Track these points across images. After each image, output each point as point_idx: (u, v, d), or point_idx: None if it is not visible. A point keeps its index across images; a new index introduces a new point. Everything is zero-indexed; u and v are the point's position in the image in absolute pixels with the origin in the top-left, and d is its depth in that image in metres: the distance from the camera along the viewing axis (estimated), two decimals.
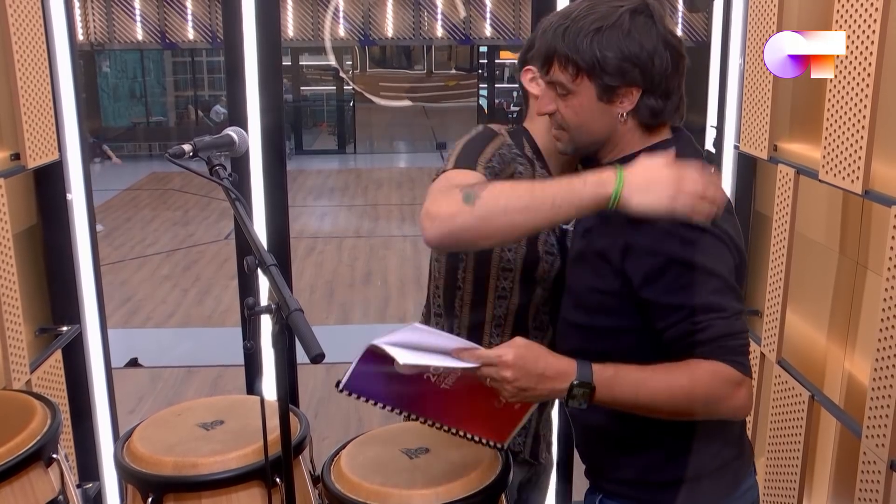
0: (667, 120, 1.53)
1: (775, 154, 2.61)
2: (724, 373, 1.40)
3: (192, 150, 1.69)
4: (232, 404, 2.01)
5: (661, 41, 1.48)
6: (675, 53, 1.49)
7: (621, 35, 1.46)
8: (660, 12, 1.51)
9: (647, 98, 1.49)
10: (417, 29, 14.64)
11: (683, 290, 1.40)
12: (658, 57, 1.47)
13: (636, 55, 1.46)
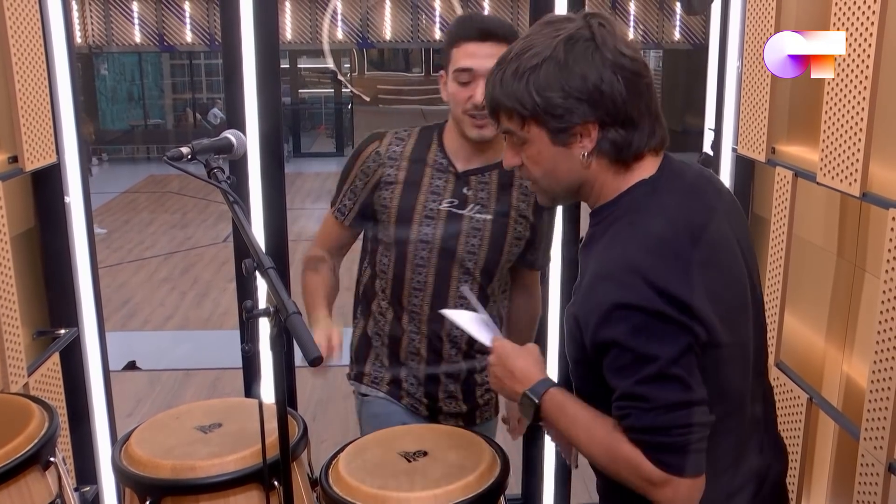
0: (641, 151, 1.36)
1: (773, 156, 2.61)
2: (641, 467, 1.28)
3: (190, 152, 1.69)
4: (230, 407, 2.00)
5: (608, 66, 1.30)
6: (630, 75, 1.31)
7: (558, 69, 1.30)
8: (601, 33, 1.31)
9: (607, 132, 1.33)
10: (415, 31, 14.65)
11: (616, 373, 1.29)
12: (606, 84, 1.30)
13: (579, 89, 1.30)
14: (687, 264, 1.30)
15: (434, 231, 2.03)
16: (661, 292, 1.26)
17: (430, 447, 1.85)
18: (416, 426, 2.05)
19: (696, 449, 1.27)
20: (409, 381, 2.14)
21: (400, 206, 2.04)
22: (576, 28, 1.32)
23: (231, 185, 1.71)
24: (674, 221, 1.34)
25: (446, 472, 1.74)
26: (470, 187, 2.04)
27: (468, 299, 1.81)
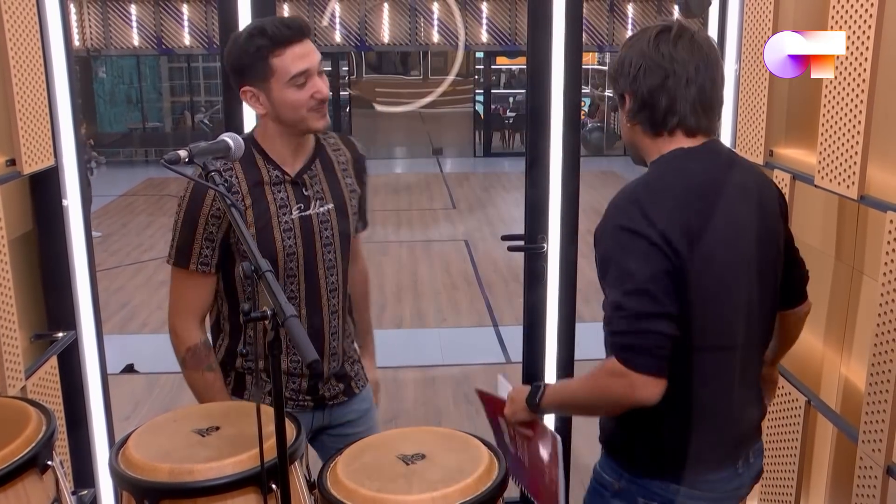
0: (673, 126, 1.68)
1: (771, 159, 2.61)
2: (609, 364, 1.59)
3: (188, 155, 1.69)
4: (228, 410, 2.00)
5: (644, 55, 1.66)
6: (655, 67, 1.65)
7: (624, 52, 1.70)
8: (663, 36, 1.66)
9: (638, 103, 1.69)
10: (414, 35, 14.66)
11: (609, 286, 1.61)
12: (635, 67, 1.66)
13: (620, 63, 1.70)
14: (680, 207, 1.62)
15: (295, 241, 2.06)
16: (650, 222, 1.58)
17: (428, 450, 1.85)
18: (414, 429, 2.05)
19: (654, 353, 1.56)
20: (290, 386, 2.16)
21: (259, 231, 2.02)
22: (652, 29, 1.69)
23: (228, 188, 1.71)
24: (686, 178, 1.67)
25: (444, 475, 1.74)
26: (307, 187, 2.09)
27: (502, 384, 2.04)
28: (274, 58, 1.94)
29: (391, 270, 8.48)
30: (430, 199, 12.72)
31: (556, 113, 2.74)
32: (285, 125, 2.02)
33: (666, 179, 1.69)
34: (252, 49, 1.94)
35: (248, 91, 1.99)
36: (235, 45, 1.97)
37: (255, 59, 1.94)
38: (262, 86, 1.97)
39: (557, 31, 2.66)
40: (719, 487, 1.76)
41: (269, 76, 1.95)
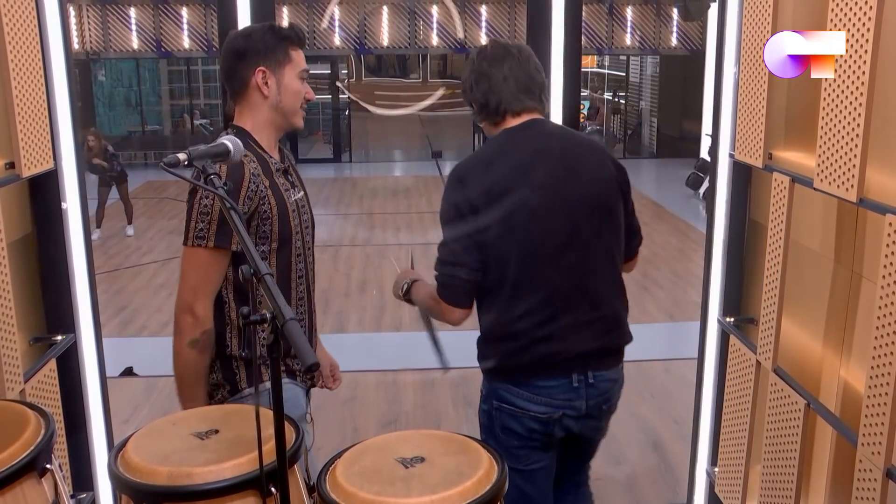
0: (502, 115, 2.24)
1: (770, 162, 2.61)
2: (436, 292, 2.23)
3: (187, 159, 1.69)
4: (227, 413, 2.00)
5: (472, 71, 2.27)
6: (479, 77, 2.25)
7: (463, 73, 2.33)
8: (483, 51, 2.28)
9: (478, 107, 2.27)
10: (413, 38, 14.67)
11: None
12: (468, 82, 2.28)
13: (463, 82, 2.32)
14: (488, 174, 2.15)
15: (299, 222, 2.24)
16: (462, 190, 2.15)
17: (427, 453, 1.85)
18: (414, 432, 2.05)
19: (454, 290, 2.19)
20: (297, 362, 2.28)
21: (279, 212, 2.14)
22: (475, 51, 2.31)
23: (227, 190, 1.71)
24: (500, 149, 2.23)
25: (444, 478, 1.74)
26: (290, 174, 2.27)
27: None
28: (292, 50, 2.15)
29: (390, 273, 8.47)
30: (430, 203, 12.72)
31: (556, 115, 2.74)
32: (279, 114, 2.17)
33: (484, 154, 2.28)
34: (278, 37, 2.13)
35: (263, 71, 2.11)
36: (257, 32, 2.13)
37: (278, 45, 2.12)
38: (276, 70, 2.12)
39: (557, 34, 2.66)
40: (552, 395, 2.21)
41: (286, 63, 2.13)
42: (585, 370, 2.21)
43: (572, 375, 2.19)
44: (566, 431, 2.26)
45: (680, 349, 5.48)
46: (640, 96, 18.06)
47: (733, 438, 2.92)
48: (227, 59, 2.15)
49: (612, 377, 2.29)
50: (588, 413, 2.25)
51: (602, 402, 2.27)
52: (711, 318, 3.06)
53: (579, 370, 2.20)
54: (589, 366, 2.22)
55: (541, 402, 2.20)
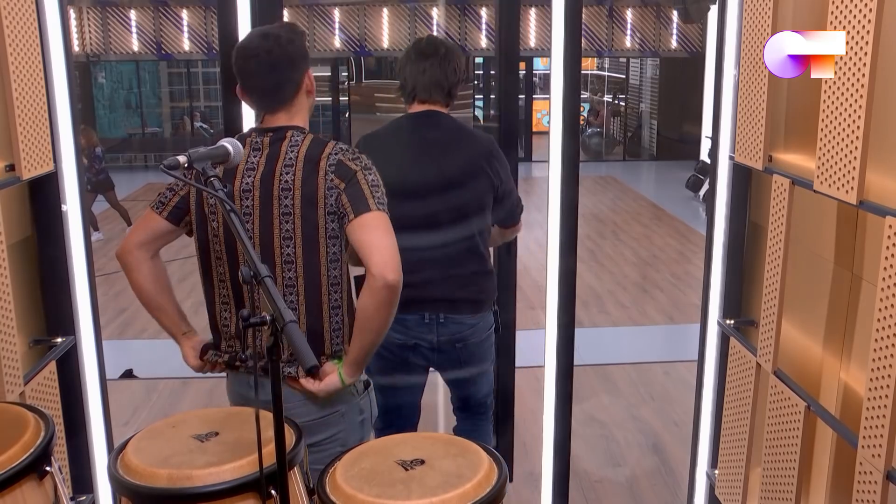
0: (412, 99, 2.79)
1: (770, 164, 2.61)
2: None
3: (187, 161, 1.70)
4: (227, 416, 2.00)
5: (404, 59, 2.81)
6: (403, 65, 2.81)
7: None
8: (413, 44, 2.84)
9: (401, 85, 2.81)
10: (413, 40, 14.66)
11: None
12: (399, 66, 2.82)
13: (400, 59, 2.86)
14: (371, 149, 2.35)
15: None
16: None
17: (427, 455, 1.85)
18: (413, 434, 2.05)
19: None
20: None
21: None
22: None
23: (228, 193, 1.72)
24: (391, 129, 2.85)
25: (443, 481, 1.74)
26: None
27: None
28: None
29: None
30: None
31: (556, 117, 2.74)
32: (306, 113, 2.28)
33: (379, 131, 2.86)
34: (304, 38, 2.25)
35: (308, 73, 2.22)
36: (296, 36, 2.19)
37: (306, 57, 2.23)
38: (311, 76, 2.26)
39: (557, 36, 2.66)
40: (409, 326, 2.75)
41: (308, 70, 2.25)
42: (437, 311, 2.75)
43: (424, 314, 2.75)
44: (426, 360, 2.87)
45: (680, 351, 5.48)
46: (639, 99, 18.07)
47: (733, 441, 2.92)
48: (280, 68, 2.12)
49: (465, 321, 2.81)
50: (440, 346, 2.81)
51: (455, 339, 2.82)
52: (711, 320, 3.06)
53: (430, 311, 2.75)
54: (440, 308, 2.75)
55: (398, 330, 2.72)
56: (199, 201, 2.18)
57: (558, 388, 2.90)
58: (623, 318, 6.96)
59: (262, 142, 2.14)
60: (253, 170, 2.12)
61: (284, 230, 2.09)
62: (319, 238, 2.10)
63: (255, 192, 2.11)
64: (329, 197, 2.08)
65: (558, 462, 2.95)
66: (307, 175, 2.08)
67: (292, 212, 2.08)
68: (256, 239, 2.12)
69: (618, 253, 9.25)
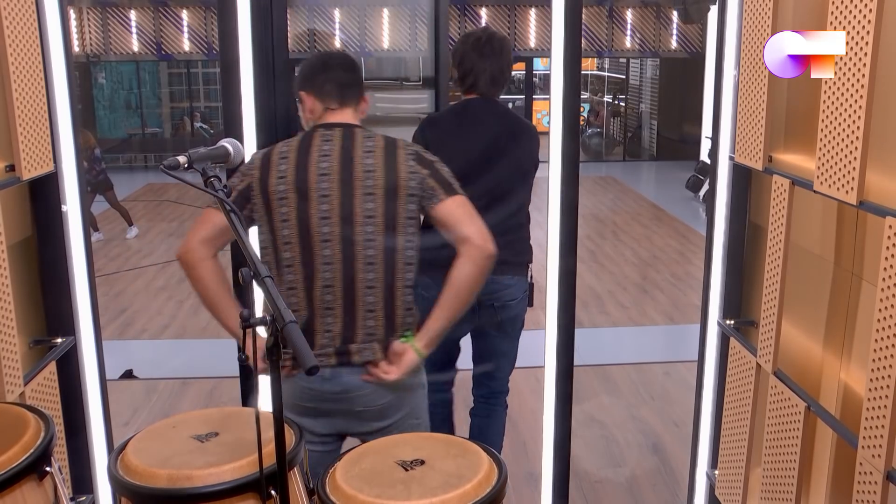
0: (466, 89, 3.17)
1: (770, 165, 2.61)
2: None
3: (187, 161, 1.70)
4: (227, 416, 2.00)
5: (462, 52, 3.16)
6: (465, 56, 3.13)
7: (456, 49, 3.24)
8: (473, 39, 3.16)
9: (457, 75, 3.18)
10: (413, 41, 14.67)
11: None
12: (457, 57, 3.16)
13: (453, 56, 3.19)
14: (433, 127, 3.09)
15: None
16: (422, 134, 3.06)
17: (427, 456, 1.85)
18: (414, 434, 2.05)
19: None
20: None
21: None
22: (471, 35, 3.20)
23: (228, 193, 1.72)
24: (449, 113, 3.33)
25: (444, 481, 1.74)
26: None
27: None
28: None
29: None
30: None
31: (556, 118, 2.74)
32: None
33: (442, 113, 3.41)
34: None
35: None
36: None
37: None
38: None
39: (557, 36, 2.66)
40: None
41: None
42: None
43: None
44: (469, 321, 3.07)
45: (680, 352, 5.48)
46: (639, 99, 18.06)
47: (733, 441, 2.91)
48: (356, 70, 2.42)
49: (503, 282, 3.10)
50: (481, 305, 3.07)
51: (494, 298, 3.10)
52: (711, 320, 3.06)
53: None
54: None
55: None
56: (265, 190, 2.24)
57: (558, 388, 2.90)
58: (623, 318, 6.95)
59: (332, 134, 2.31)
60: (328, 156, 2.26)
61: (366, 209, 2.23)
62: (399, 217, 2.25)
63: (333, 175, 2.24)
64: (411, 181, 2.26)
65: (558, 462, 2.94)
66: (388, 159, 2.27)
67: (374, 192, 2.23)
68: (336, 219, 2.22)
69: (618, 253, 9.25)
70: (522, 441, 4.06)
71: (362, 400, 2.28)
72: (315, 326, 2.26)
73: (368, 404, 2.29)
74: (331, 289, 2.24)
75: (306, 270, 2.24)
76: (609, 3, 14.67)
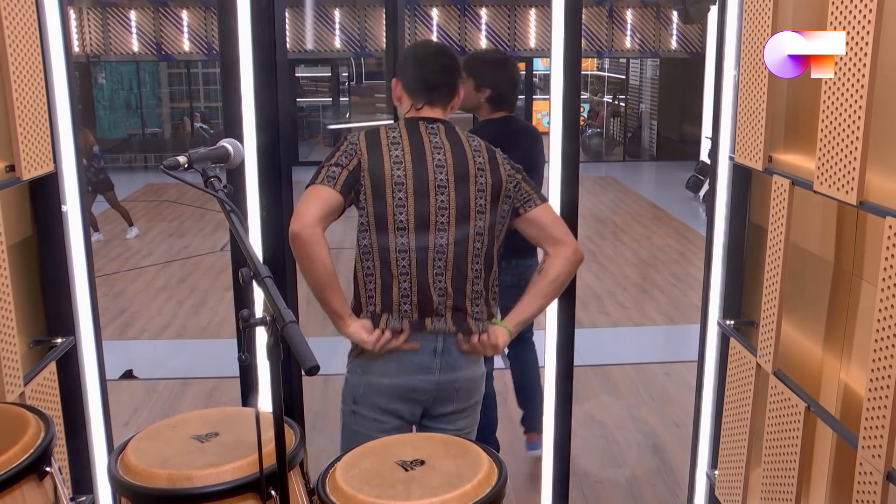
0: (500, 107, 3.54)
1: (770, 165, 2.61)
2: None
3: (187, 161, 1.70)
4: (227, 416, 2.00)
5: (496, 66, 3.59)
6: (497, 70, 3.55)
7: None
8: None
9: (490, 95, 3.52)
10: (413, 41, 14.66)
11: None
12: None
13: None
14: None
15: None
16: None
17: (427, 456, 1.85)
18: (414, 435, 2.05)
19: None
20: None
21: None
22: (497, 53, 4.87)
23: (228, 193, 1.72)
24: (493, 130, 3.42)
25: (444, 481, 1.74)
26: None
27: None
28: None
29: None
30: None
31: (556, 118, 2.74)
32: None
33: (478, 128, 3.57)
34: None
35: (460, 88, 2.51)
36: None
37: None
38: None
39: (557, 36, 2.66)
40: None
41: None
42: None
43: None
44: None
45: (680, 352, 5.48)
46: (639, 99, 18.07)
47: (733, 441, 2.91)
48: (455, 74, 2.46)
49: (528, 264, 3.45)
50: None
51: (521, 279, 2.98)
52: (711, 320, 3.06)
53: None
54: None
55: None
56: (377, 174, 2.28)
57: (558, 388, 2.90)
58: (623, 318, 6.95)
59: (437, 128, 2.40)
60: (440, 149, 2.36)
61: (478, 205, 2.35)
62: (498, 214, 2.40)
63: (448, 169, 2.34)
64: (510, 182, 2.41)
65: (558, 462, 2.94)
66: (491, 160, 2.40)
67: (485, 189, 2.36)
68: (453, 210, 2.33)
69: (618, 253, 9.25)
70: (522, 441, 4.06)
71: (463, 375, 2.39)
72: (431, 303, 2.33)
73: (465, 380, 2.41)
74: (441, 277, 2.34)
75: (419, 256, 2.32)
76: (609, 3, 14.67)
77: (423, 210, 2.30)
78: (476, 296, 2.38)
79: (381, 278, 2.31)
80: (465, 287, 2.35)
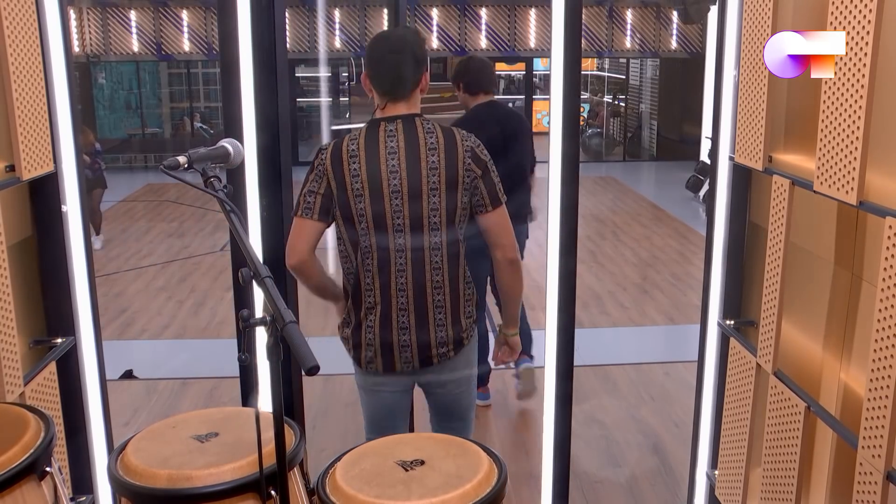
0: (475, 92, 4.22)
1: (770, 165, 2.61)
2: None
3: (187, 161, 1.70)
4: (227, 416, 2.00)
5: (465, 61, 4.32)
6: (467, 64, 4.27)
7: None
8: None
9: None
10: None
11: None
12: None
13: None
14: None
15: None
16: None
17: (427, 456, 1.85)
18: (414, 435, 2.05)
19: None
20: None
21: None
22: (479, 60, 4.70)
23: (228, 193, 1.72)
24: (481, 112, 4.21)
25: (444, 481, 1.74)
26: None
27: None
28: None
29: None
30: None
31: (556, 118, 2.74)
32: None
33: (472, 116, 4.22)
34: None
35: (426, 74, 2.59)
36: (421, 39, 2.62)
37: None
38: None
39: (557, 36, 2.66)
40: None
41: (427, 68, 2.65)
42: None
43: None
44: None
45: (680, 352, 5.48)
46: (639, 99, 18.06)
47: (733, 441, 2.91)
48: (412, 67, 2.51)
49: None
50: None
51: None
52: (711, 320, 3.06)
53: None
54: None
55: None
56: (342, 185, 2.44)
57: (558, 388, 2.90)
58: (623, 318, 6.95)
59: (395, 128, 2.48)
60: (395, 153, 2.45)
61: (432, 203, 2.45)
62: (458, 210, 2.49)
63: (401, 173, 2.44)
64: (467, 177, 2.49)
65: (558, 462, 2.94)
66: (448, 157, 2.46)
67: (438, 188, 2.44)
68: (406, 212, 2.44)
69: (618, 253, 9.25)
70: (522, 441, 4.06)
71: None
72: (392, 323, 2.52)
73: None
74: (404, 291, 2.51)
75: (380, 257, 2.47)
76: (609, 3, 14.67)
77: (380, 214, 2.45)
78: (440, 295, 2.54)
79: (351, 279, 2.56)
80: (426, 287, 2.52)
